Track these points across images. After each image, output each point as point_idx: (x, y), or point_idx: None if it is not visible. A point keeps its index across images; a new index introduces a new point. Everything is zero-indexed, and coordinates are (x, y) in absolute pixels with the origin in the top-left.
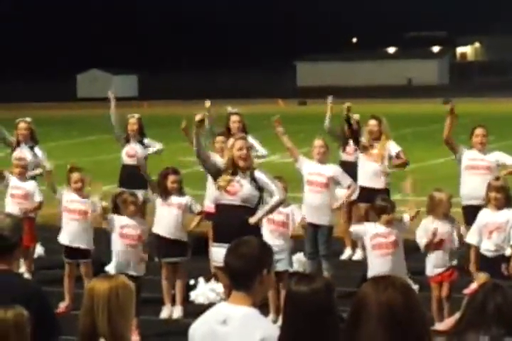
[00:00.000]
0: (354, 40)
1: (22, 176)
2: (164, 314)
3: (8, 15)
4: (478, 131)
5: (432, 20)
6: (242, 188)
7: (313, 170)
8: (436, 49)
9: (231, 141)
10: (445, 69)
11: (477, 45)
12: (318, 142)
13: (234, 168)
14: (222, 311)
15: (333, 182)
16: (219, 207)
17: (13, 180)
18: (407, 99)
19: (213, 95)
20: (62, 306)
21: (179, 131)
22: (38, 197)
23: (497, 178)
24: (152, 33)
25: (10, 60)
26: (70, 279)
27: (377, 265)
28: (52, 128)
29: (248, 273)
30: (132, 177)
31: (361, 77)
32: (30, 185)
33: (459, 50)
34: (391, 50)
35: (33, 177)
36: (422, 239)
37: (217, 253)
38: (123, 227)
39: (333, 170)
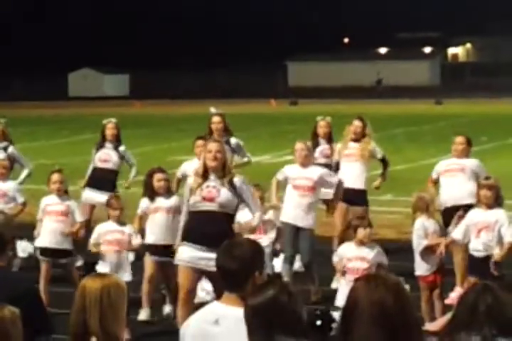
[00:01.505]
0: (346, 40)
1: (2, 177)
2: (142, 316)
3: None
4: (457, 139)
5: (424, 21)
6: (219, 194)
7: (297, 174)
8: (427, 50)
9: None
10: (436, 70)
11: (468, 46)
12: (299, 145)
13: (206, 171)
14: (214, 311)
15: (319, 185)
16: (196, 214)
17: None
18: (394, 100)
19: (205, 95)
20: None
21: (170, 131)
22: (20, 199)
23: (488, 177)
24: (144, 32)
25: (0, 59)
26: (45, 279)
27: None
28: (43, 127)
29: (241, 275)
30: (102, 180)
31: (352, 77)
32: (9, 186)
33: (451, 50)
34: (382, 50)
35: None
36: (422, 240)
37: (184, 251)
38: (106, 233)
39: (318, 172)
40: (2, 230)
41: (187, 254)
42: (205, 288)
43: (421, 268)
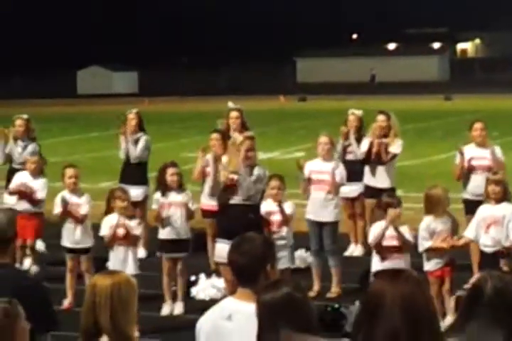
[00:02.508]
0: (354, 36)
1: (33, 172)
2: (165, 310)
3: (9, 11)
4: (476, 125)
5: (433, 16)
6: (242, 186)
7: (316, 168)
8: (436, 45)
9: (239, 138)
10: (446, 66)
11: (477, 41)
12: (323, 139)
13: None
14: (227, 307)
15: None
16: (222, 207)
17: (24, 176)
18: (404, 96)
19: (214, 92)
20: (66, 303)
21: (179, 128)
22: (40, 194)
23: (495, 172)
24: (153, 29)
25: (10, 57)
26: (72, 275)
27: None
28: (52, 125)
29: (252, 270)
30: (132, 174)
31: (361, 73)
32: (40, 184)
33: (460, 46)
34: (391, 46)
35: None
36: (425, 241)
37: (221, 249)
38: (112, 227)
39: (334, 166)
40: (6, 227)
41: (223, 251)
42: (216, 285)
43: (429, 263)
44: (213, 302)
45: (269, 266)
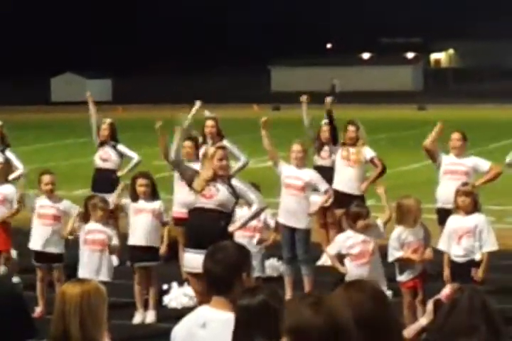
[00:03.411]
0: (329, 45)
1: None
2: (137, 319)
3: None
4: (454, 135)
5: (407, 26)
6: (218, 192)
7: (290, 173)
8: (410, 55)
9: (211, 150)
10: (419, 76)
11: (451, 51)
12: (295, 147)
13: (213, 177)
14: (202, 315)
15: (309, 187)
16: (193, 210)
17: None
18: (377, 106)
19: (188, 99)
20: (37, 311)
21: (154, 136)
22: (16, 204)
23: (465, 183)
24: (126, 36)
25: None
26: (42, 284)
27: (355, 275)
28: (26, 132)
29: (227, 278)
30: (105, 181)
31: (335, 82)
32: (8, 190)
33: (433, 56)
34: (366, 55)
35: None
36: (395, 251)
37: (190, 258)
38: (88, 233)
39: (310, 174)
40: None
41: (191, 261)
42: (188, 293)
43: (401, 274)
44: (186, 310)
45: (245, 274)
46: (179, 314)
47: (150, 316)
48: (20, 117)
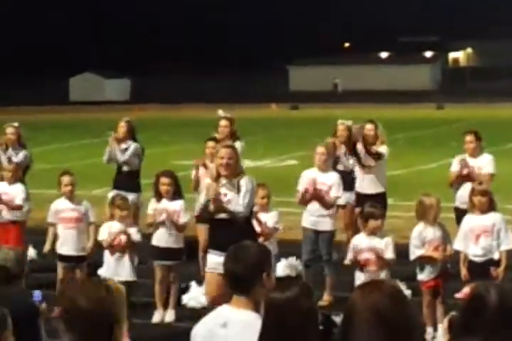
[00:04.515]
0: (347, 44)
1: (11, 180)
2: (156, 318)
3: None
4: (467, 137)
5: (425, 25)
6: (230, 202)
7: (314, 178)
8: (428, 54)
9: (217, 147)
10: (437, 75)
11: (469, 50)
12: (319, 149)
13: (218, 175)
14: (223, 314)
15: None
16: (212, 222)
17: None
18: (396, 105)
19: (205, 99)
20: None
21: (170, 135)
22: (23, 203)
23: (480, 182)
24: (146, 36)
25: (1, 63)
26: (62, 284)
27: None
28: (44, 132)
29: (248, 278)
30: (125, 180)
31: (353, 82)
32: (17, 189)
33: (452, 55)
34: (384, 55)
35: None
36: (417, 249)
37: (212, 260)
38: (112, 233)
39: (333, 178)
40: (11, 265)
41: (212, 261)
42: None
43: (422, 273)
44: (204, 310)
45: (265, 274)
46: (198, 313)
47: (169, 315)
48: (38, 117)
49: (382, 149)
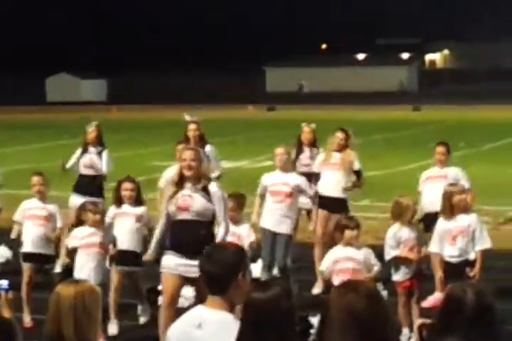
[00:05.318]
0: (324, 46)
1: None
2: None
3: None
4: (438, 149)
5: (402, 27)
6: (193, 203)
7: (276, 180)
8: (405, 56)
9: (180, 150)
10: (414, 76)
11: (446, 52)
12: (279, 150)
13: (182, 179)
14: (198, 315)
15: (297, 191)
16: (174, 223)
17: None
18: (372, 106)
19: (182, 100)
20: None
21: (148, 136)
22: None
23: (453, 184)
24: (122, 37)
25: None
26: (28, 286)
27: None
28: (21, 132)
29: (224, 279)
30: (88, 186)
31: (330, 83)
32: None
33: (428, 57)
34: (361, 56)
35: None
36: (392, 250)
37: (166, 259)
38: (84, 237)
39: (298, 179)
40: None
41: (170, 262)
42: (183, 294)
43: (397, 273)
44: (182, 310)
45: (241, 275)
46: (178, 314)
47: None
48: (14, 117)
49: (357, 163)
